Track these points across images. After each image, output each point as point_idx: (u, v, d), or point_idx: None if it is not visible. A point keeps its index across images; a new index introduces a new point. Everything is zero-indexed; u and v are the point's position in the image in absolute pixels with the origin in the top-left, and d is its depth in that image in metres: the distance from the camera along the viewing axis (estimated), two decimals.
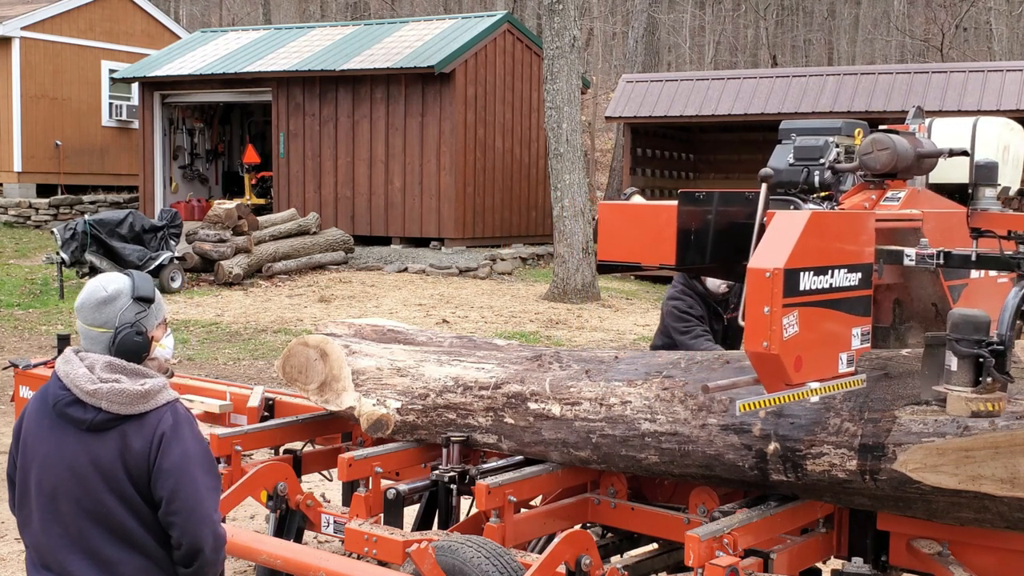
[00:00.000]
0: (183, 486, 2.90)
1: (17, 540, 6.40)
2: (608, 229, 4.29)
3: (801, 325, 3.33)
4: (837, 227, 3.53)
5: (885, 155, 3.97)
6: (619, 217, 4.31)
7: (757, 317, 3.30)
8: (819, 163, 4.10)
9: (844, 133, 4.17)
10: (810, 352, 3.39)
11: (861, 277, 3.56)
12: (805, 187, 4.09)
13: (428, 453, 5.10)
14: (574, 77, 16.56)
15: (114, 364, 2.97)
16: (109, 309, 3.00)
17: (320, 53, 20.64)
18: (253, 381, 10.56)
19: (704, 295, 5.94)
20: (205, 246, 16.27)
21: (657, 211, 4.22)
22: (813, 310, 3.38)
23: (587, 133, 29.22)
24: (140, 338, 3.00)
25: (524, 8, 32.57)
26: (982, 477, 3.55)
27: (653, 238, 4.15)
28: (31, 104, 22.87)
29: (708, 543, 3.63)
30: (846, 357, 3.54)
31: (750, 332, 3.33)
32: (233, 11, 42.06)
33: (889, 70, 19.05)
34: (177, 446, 2.92)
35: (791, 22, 40.97)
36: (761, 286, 3.29)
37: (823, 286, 3.41)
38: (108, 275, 3.11)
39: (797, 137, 4.19)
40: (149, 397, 2.93)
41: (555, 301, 15.96)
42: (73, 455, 2.94)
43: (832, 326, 3.48)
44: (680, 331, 5.86)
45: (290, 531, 4.89)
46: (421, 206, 19.43)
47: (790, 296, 3.30)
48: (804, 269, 3.34)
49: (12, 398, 7.78)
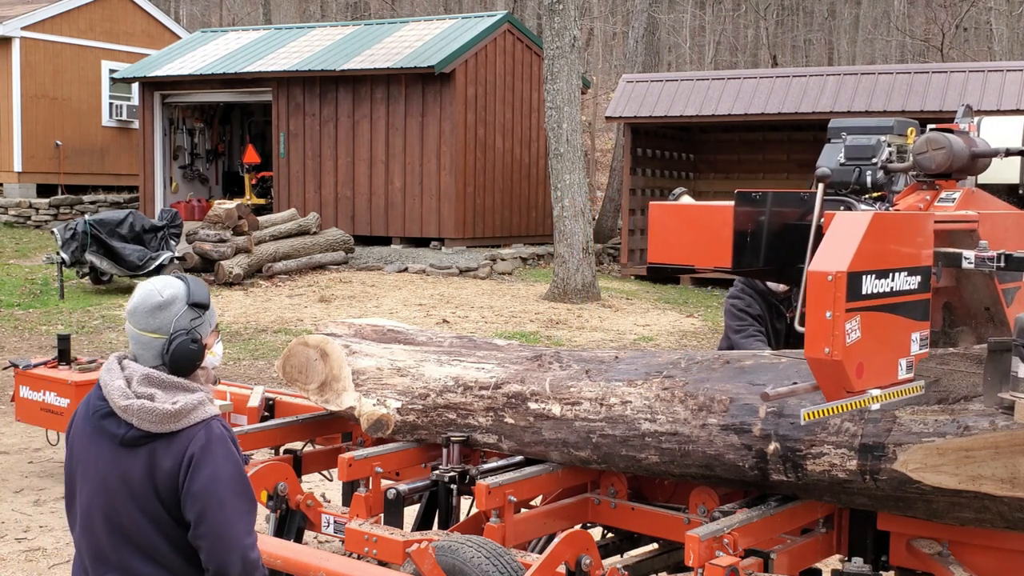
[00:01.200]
0: (211, 510, 2.81)
1: (17, 540, 6.40)
2: (660, 230, 4.15)
3: (863, 330, 3.24)
4: (898, 229, 3.44)
5: (940, 155, 3.87)
6: (672, 218, 4.17)
7: (818, 322, 3.20)
8: (871, 163, 3.98)
9: (896, 132, 4.05)
10: (871, 358, 3.30)
11: (920, 280, 3.47)
12: (856, 187, 3.98)
13: (428, 453, 5.10)
14: (574, 77, 16.56)
15: (152, 377, 2.88)
16: (164, 315, 2.91)
17: (320, 53, 20.65)
18: (253, 381, 10.56)
19: (765, 293, 5.78)
20: (205, 246, 16.27)
21: (713, 212, 4.10)
22: (875, 315, 3.29)
23: (587, 133, 29.22)
24: (196, 346, 2.92)
25: (524, 8, 32.56)
26: (982, 477, 3.54)
27: (708, 239, 4.02)
28: (31, 104, 22.87)
29: (708, 543, 3.63)
30: (905, 363, 3.44)
31: (811, 337, 3.23)
32: (233, 11, 42.05)
33: (889, 70, 19.04)
34: (207, 468, 2.82)
35: (791, 22, 40.96)
36: (823, 290, 3.20)
37: (884, 290, 3.32)
38: (163, 279, 3.01)
39: (848, 136, 4.06)
40: (181, 416, 2.85)
41: (555, 301, 15.96)
42: (108, 468, 2.89)
43: (893, 331, 3.38)
44: (734, 329, 5.72)
45: (290, 531, 4.89)
46: (421, 206, 19.43)
47: (853, 300, 3.21)
48: (866, 272, 3.24)
49: (12, 398, 7.80)
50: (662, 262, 4.16)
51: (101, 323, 14.12)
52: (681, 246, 4.11)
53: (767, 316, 5.79)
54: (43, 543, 6.35)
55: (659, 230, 4.16)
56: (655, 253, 4.16)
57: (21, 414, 7.59)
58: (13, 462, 8.11)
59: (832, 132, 4.15)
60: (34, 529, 6.60)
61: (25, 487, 7.48)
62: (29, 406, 7.42)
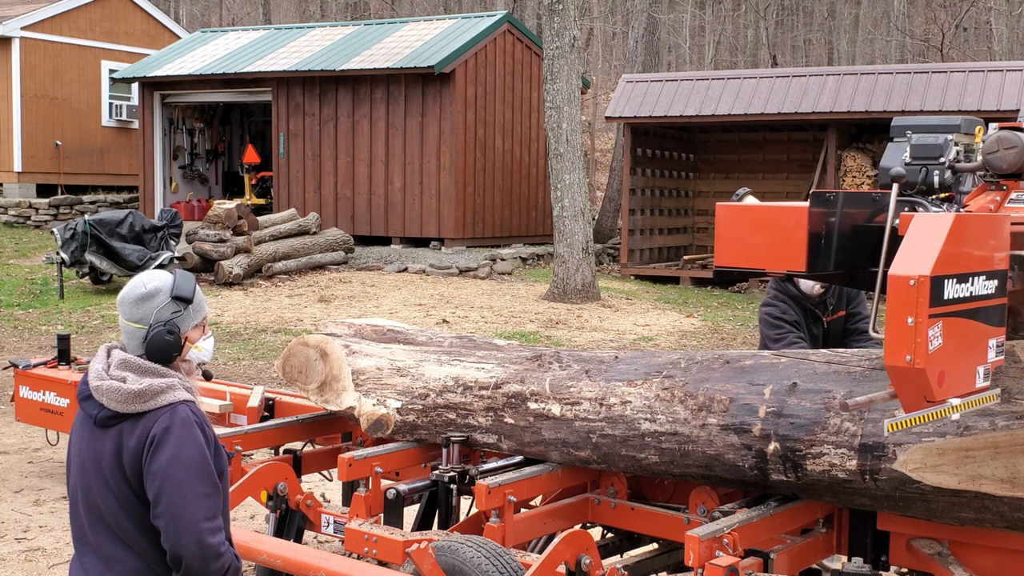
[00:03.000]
0: (167, 490, 2.87)
1: (17, 540, 6.40)
2: (728, 232, 3.92)
3: (944, 337, 3.14)
4: (978, 231, 3.33)
5: (1012, 154, 3.75)
6: (741, 220, 3.95)
7: (900, 328, 3.08)
8: (939, 162, 3.82)
9: (963, 131, 3.90)
10: (952, 366, 3.19)
11: (998, 284, 3.37)
12: (923, 187, 3.83)
13: (428, 453, 5.10)
14: (574, 77, 16.56)
15: (128, 362, 2.99)
16: (146, 305, 3.02)
17: (320, 53, 20.64)
18: (253, 381, 10.56)
19: (799, 298, 5.69)
20: (205, 246, 16.27)
21: (786, 213, 3.90)
22: (956, 320, 3.18)
23: (587, 133, 29.23)
24: (171, 337, 3.00)
25: (524, 8, 32.57)
26: (982, 477, 3.54)
27: (781, 242, 3.81)
28: (31, 104, 22.87)
29: (708, 543, 3.63)
30: (983, 371, 3.35)
31: (891, 344, 3.11)
32: (233, 11, 42.05)
33: (889, 70, 19.03)
34: (168, 448, 2.89)
35: (791, 22, 40.97)
36: (905, 295, 3.08)
37: (964, 295, 3.21)
38: (152, 272, 3.14)
39: (913, 135, 3.90)
40: (146, 397, 2.93)
41: (555, 301, 15.96)
42: (86, 449, 3.00)
43: (972, 337, 3.28)
44: (772, 338, 5.61)
45: (290, 531, 4.89)
46: (421, 206, 19.43)
47: (935, 306, 3.10)
48: (948, 276, 3.14)
49: (12, 398, 7.79)
50: (730, 265, 3.93)
51: (101, 323, 14.12)
52: (750, 249, 3.90)
53: (803, 321, 5.69)
54: (43, 543, 6.35)
55: (726, 232, 3.93)
56: (722, 256, 3.94)
57: (21, 414, 7.59)
58: (13, 462, 8.11)
59: (895, 131, 3.97)
60: (34, 529, 6.60)
61: (25, 487, 7.48)
62: (29, 406, 7.42)
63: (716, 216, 4.01)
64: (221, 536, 2.94)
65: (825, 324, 5.77)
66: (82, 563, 3.02)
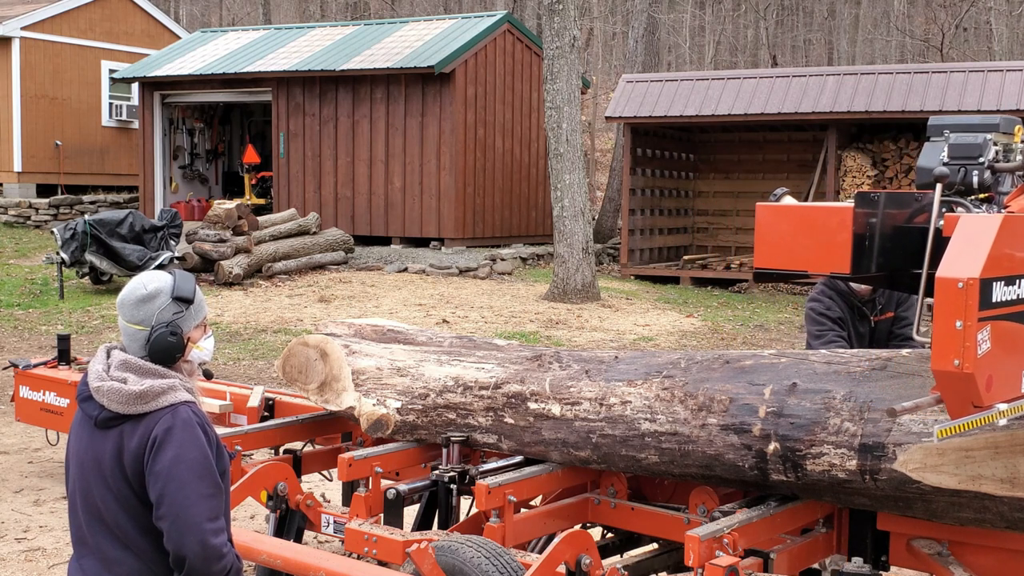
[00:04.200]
0: (171, 491, 2.86)
1: (17, 540, 6.40)
2: (769, 234, 3.83)
3: (993, 340, 3.08)
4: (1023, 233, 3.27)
5: None
6: (782, 221, 3.85)
7: (948, 332, 3.03)
8: (978, 162, 3.74)
9: (1002, 130, 3.83)
10: (1000, 371, 3.15)
11: None
12: (962, 188, 3.76)
13: (428, 453, 5.10)
14: (574, 77, 16.56)
15: (129, 363, 2.98)
16: (147, 307, 3.01)
17: (320, 53, 20.64)
18: (253, 381, 10.56)
19: (847, 294, 5.59)
20: (205, 246, 16.26)
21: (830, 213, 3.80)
22: (1004, 324, 3.13)
23: (587, 133, 29.23)
24: (174, 338, 3.00)
25: (524, 8, 32.57)
26: (982, 477, 3.54)
27: (824, 243, 3.72)
28: (31, 104, 22.87)
29: (708, 543, 3.63)
30: None
31: (939, 349, 3.06)
32: (233, 11, 42.05)
33: (889, 70, 19.03)
34: (170, 449, 2.88)
35: (791, 22, 40.97)
36: (953, 298, 3.03)
37: (1012, 297, 3.16)
38: (151, 273, 3.12)
39: (951, 134, 3.83)
40: (148, 398, 2.92)
41: (555, 301, 15.96)
42: (85, 450, 2.99)
43: (1020, 341, 3.23)
44: (813, 335, 5.53)
45: (290, 531, 4.89)
46: (421, 206, 19.43)
47: (984, 309, 3.04)
48: (996, 279, 3.10)
49: (12, 398, 7.79)
50: (770, 267, 3.84)
51: (101, 323, 14.12)
52: (792, 250, 3.81)
53: (848, 318, 5.61)
54: (43, 543, 6.35)
55: (767, 233, 3.84)
56: (763, 258, 3.85)
57: (21, 414, 7.59)
58: (13, 462, 8.11)
59: (932, 130, 3.90)
60: (34, 529, 6.60)
61: (25, 487, 7.48)
62: (29, 406, 7.42)
63: (756, 216, 3.91)
64: (224, 537, 2.94)
65: (872, 323, 5.66)
66: (81, 565, 3.01)
